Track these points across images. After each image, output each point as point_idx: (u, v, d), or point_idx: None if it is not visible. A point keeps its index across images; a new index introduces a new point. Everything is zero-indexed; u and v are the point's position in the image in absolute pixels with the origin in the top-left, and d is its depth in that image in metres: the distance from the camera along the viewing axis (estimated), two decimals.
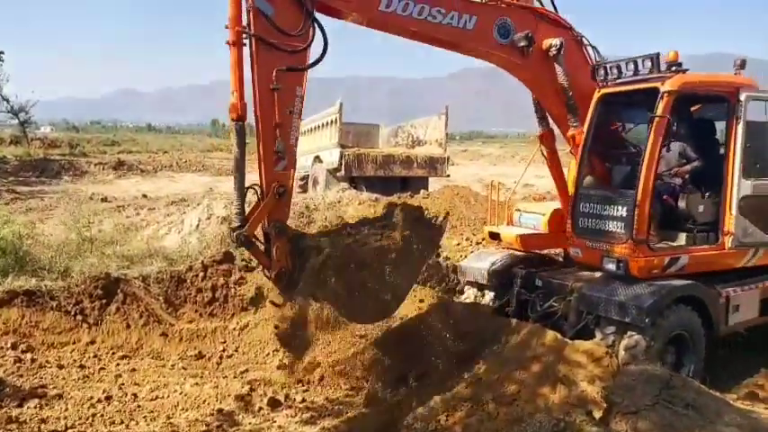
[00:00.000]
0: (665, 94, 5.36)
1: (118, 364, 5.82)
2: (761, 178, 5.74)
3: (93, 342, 6.20)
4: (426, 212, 5.65)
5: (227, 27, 4.55)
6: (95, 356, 5.94)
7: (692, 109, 6.66)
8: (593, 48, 6.27)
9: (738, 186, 5.63)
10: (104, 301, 6.55)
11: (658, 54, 5.67)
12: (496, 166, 42.05)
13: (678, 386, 3.64)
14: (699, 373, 5.40)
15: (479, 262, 6.95)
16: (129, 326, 6.43)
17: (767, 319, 6.26)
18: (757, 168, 5.73)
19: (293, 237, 5.06)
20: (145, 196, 18.37)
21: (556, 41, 5.86)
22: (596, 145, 6.18)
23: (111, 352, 6.06)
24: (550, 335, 4.94)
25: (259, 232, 4.89)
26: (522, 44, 5.71)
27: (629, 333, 5.26)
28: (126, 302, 6.61)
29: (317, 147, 15.16)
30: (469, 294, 7.05)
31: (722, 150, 6.02)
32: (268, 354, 6.39)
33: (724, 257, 5.87)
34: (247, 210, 4.82)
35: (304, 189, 15.88)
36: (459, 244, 10.23)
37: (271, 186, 4.79)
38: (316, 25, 4.87)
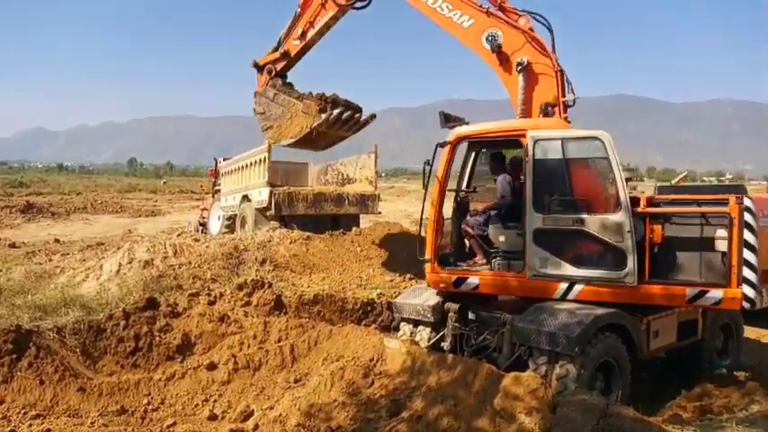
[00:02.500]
0: (445, 143, 6.47)
1: (30, 425, 5.32)
2: (551, 212, 5.95)
3: (1, 402, 5.67)
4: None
5: None
6: (4, 418, 5.42)
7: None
8: (569, 83, 6.66)
9: (530, 219, 6.00)
10: (15, 356, 6.04)
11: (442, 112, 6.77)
12: None
13: (614, 414, 3.76)
14: (626, 398, 5.61)
15: (414, 298, 6.98)
16: (42, 382, 5.94)
17: (684, 342, 6.62)
18: (548, 202, 5.98)
19: (275, 76, 10.41)
20: (57, 241, 17.33)
21: (521, 59, 6.58)
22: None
23: (22, 411, 5.55)
24: (486, 368, 5.01)
25: None
26: (488, 47, 6.83)
27: (560, 362, 5.41)
28: (39, 357, 6.13)
29: (245, 185, 14.83)
30: (405, 331, 7.05)
31: None
32: (197, 404, 6.10)
33: (525, 285, 6.11)
34: None
35: (231, 229, 15.46)
36: (392, 280, 10.24)
37: (283, 46, 9.98)
38: None
